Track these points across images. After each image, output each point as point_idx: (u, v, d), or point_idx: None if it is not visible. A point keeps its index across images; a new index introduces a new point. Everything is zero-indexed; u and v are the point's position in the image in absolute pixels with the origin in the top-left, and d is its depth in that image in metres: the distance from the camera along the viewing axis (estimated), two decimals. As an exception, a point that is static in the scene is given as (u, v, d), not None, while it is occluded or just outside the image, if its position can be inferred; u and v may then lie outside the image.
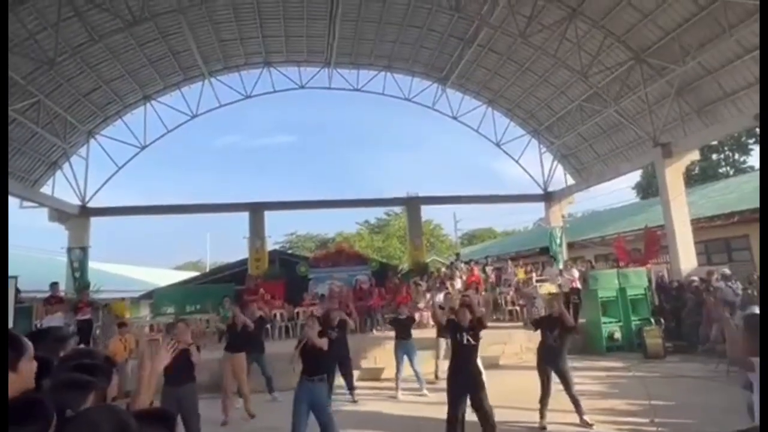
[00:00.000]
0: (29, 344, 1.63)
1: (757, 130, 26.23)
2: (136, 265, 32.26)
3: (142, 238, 74.73)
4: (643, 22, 12.31)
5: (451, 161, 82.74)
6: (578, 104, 15.71)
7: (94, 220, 15.89)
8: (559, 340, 5.88)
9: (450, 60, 16.31)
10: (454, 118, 18.93)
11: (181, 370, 4.80)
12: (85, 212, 15.49)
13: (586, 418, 5.74)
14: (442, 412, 6.01)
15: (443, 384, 8.16)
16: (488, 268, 14.97)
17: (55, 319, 9.41)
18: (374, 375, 9.34)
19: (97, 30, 12.11)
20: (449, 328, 5.47)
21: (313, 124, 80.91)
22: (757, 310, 6.44)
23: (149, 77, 15.51)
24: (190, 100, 16.95)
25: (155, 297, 15.50)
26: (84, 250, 14.77)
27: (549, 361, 5.88)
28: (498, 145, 19.21)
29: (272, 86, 17.53)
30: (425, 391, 7.72)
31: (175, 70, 15.72)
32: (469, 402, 5.05)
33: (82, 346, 7.02)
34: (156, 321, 12.53)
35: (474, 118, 19.12)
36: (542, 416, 5.79)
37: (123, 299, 17.96)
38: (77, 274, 14.29)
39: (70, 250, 14.74)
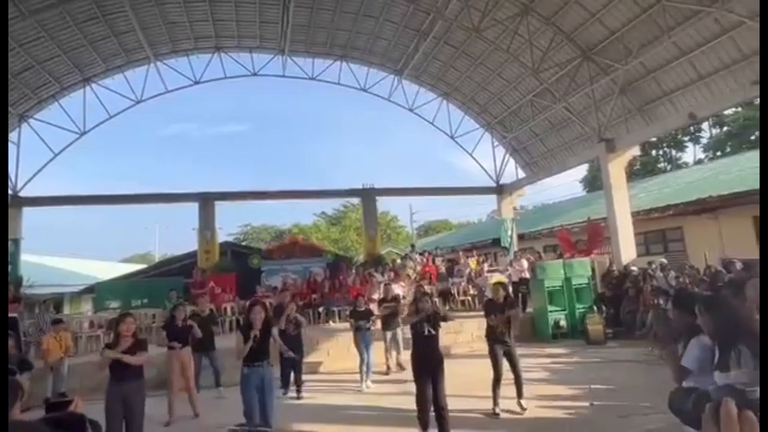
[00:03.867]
0: None
1: (692, 128, 28.06)
2: (78, 258, 30.47)
3: (85, 230, 70.79)
4: (591, 21, 12.77)
5: (407, 153, 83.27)
6: (529, 99, 16.14)
7: (28, 210, 14.83)
8: (505, 324, 6.06)
9: (406, 51, 16.29)
10: (410, 110, 19.02)
11: (127, 366, 4.56)
12: (17, 202, 14.40)
13: (522, 401, 5.94)
14: (401, 403, 6.08)
15: (396, 376, 8.33)
16: (438, 260, 15.11)
17: (-20, 317, 8.72)
18: (327, 368, 9.29)
19: (26, 4, 11.20)
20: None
21: (268, 113, 79.06)
22: None
23: (89, 59, 14.56)
24: (135, 84, 16.09)
25: (97, 291, 14.71)
26: (15, 242, 13.74)
27: (498, 343, 6.05)
28: (453, 137, 19.46)
29: (223, 72, 16.94)
30: (369, 383, 7.75)
31: (117, 51, 14.82)
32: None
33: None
34: (98, 316, 11.88)
35: (430, 110, 19.32)
36: (495, 402, 5.94)
37: (62, 294, 17.03)
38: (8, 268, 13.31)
39: (-1, 242, 13.68)
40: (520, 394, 5.99)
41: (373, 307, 9.26)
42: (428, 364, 5.22)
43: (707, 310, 2.64)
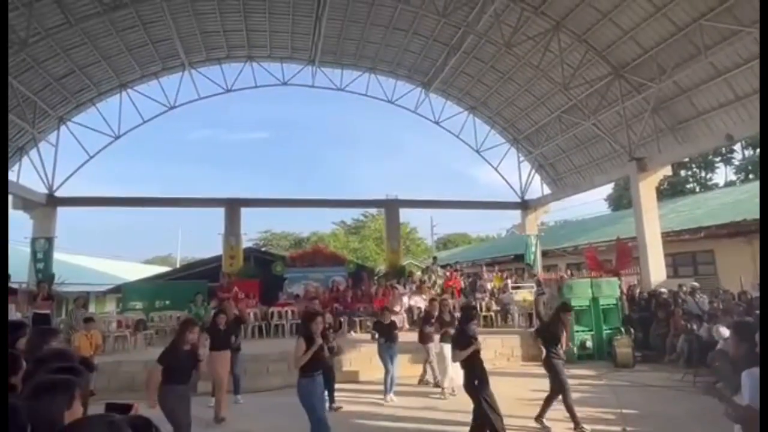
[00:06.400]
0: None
1: (723, 149, 27.41)
2: (103, 258, 31.18)
3: (109, 230, 72.44)
4: (623, 39, 12.64)
5: (429, 165, 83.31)
6: (558, 115, 16.01)
7: (61, 210, 15.27)
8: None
9: (434, 65, 16.38)
10: (436, 122, 19.06)
11: (188, 368, 4.85)
12: (52, 201, 14.85)
13: (583, 426, 5.84)
14: (423, 417, 6.04)
15: (423, 389, 8.25)
16: (457, 273, 14.99)
17: (8, 312, 8.95)
18: (350, 378, 9.26)
19: (74, 13, 11.67)
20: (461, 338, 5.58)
21: (294, 122, 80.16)
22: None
23: (126, 65, 15.03)
24: (168, 90, 16.54)
25: (124, 291, 15.02)
26: (49, 240, 14.14)
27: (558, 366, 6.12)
28: (478, 151, 19.40)
29: (254, 81, 17.30)
30: (392, 396, 7.68)
31: (153, 59, 15.28)
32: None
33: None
34: (125, 316, 12.09)
35: (455, 123, 19.32)
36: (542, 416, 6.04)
37: (88, 293, 17.38)
38: (40, 266, 13.66)
39: (34, 240, 14.10)
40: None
41: (397, 319, 9.21)
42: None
43: None
